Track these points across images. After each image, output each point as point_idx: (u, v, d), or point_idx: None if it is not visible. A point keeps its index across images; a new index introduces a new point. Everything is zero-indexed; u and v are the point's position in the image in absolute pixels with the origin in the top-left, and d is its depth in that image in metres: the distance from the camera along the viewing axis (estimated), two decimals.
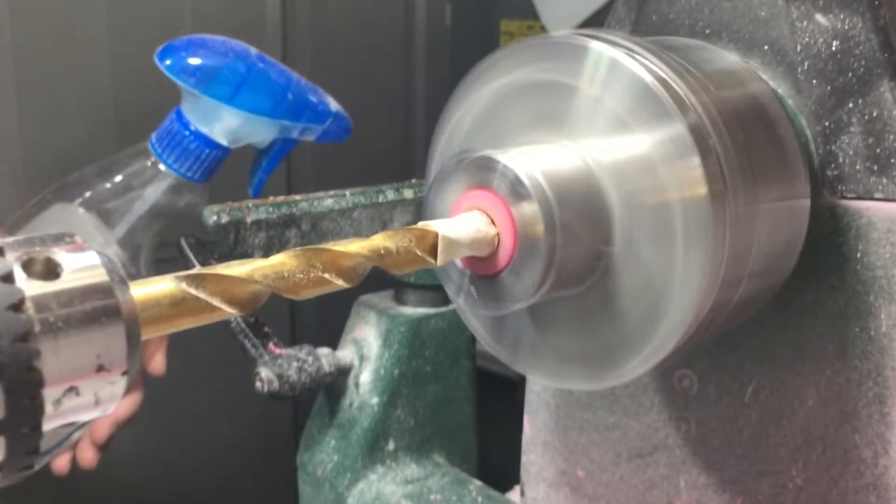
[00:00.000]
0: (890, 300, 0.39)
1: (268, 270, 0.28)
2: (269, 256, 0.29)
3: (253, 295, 0.28)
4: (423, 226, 0.33)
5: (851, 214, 0.40)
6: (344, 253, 0.30)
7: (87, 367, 0.23)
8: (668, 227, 0.33)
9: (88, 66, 1.40)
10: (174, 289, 0.26)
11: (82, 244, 0.24)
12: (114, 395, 0.24)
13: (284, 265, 0.29)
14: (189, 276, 0.26)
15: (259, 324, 0.69)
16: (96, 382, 0.23)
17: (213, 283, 0.27)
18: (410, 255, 0.32)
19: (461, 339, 0.76)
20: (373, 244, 0.31)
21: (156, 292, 0.26)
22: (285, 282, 0.29)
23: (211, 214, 0.63)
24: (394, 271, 0.32)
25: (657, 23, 0.46)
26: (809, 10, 0.41)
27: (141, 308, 0.25)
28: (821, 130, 0.41)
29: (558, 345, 0.38)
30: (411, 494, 0.70)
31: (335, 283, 0.30)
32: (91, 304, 0.23)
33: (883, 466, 0.40)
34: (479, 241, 0.33)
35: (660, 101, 0.33)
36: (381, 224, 0.69)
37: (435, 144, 0.40)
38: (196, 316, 0.27)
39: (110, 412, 0.24)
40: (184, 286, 0.26)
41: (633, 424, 0.49)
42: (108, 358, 0.23)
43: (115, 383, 0.24)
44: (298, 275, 0.29)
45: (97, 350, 0.23)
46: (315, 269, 0.29)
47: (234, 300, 0.27)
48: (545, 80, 0.36)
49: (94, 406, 0.24)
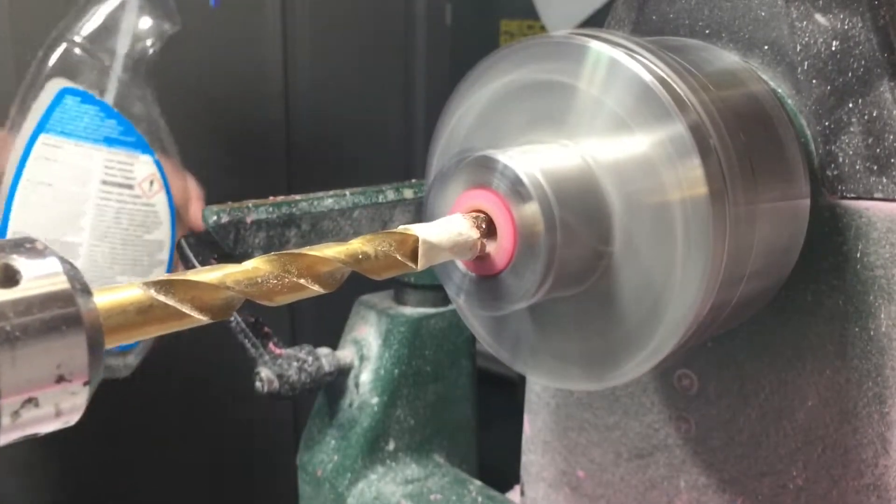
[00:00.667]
0: (889, 300, 0.39)
1: (240, 276, 0.28)
2: None
3: (225, 301, 0.27)
4: (404, 229, 0.32)
5: (851, 214, 0.40)
6: (320, 258, 0.30)
7: (46, 377, 0.22)
8: (669, 227, 0.33)
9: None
10: (142, 296, 0.25)
11: (43, 250, 0.23)
12: (76, 406, 0.23)
13: (258, 271, 0.28)
14: (158, 283, 0.26)
15: (259, 323, 0.69)
16: (57, 393, 0.22)
17: (183, 290, 0.26)
18: (390, 260, 0.31)
19: (461, 339, 0.76)
20: (350, 249, 0.31)
21: (122, 299, 0.25)
22: (258, 287, 0.28)
23: (211, 214, 0.63)
24: (372, 276, 0.31)
25: (657, 23, 0.46)
26: (809, 10, 0.41)
27: (105, 316, 0.24)
28: (820, 130, 0.41)
29: (558, 345, 0.38)
30: (411, 494, 0.70)
31: (311, 288, 0.29)
32: (51, 313, 0.22)
33: (883, 466, 0.40)
34: (460, 246, 0.33)
35: (660, 101, 0.33)
36: (382, 224, 0.69)
37: (435, 144, 0.40)
38: (165, 323, 0.26)
39: (73, 423, 0.23)
40: (152, 293, 0.25)
41: (633, 424, 0.49)
42: (68, 368, 0.22)
43: (76, 394, 0.23)
44: (272, 280, 0.28)
45: (57, 360, 0.22)
46: (290, 274, 0.29)
47: (206, 307, 0.27)
48: (545, 79, 0.36)
49: (54, 417, 0.23)
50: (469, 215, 0.34)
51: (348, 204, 0.67)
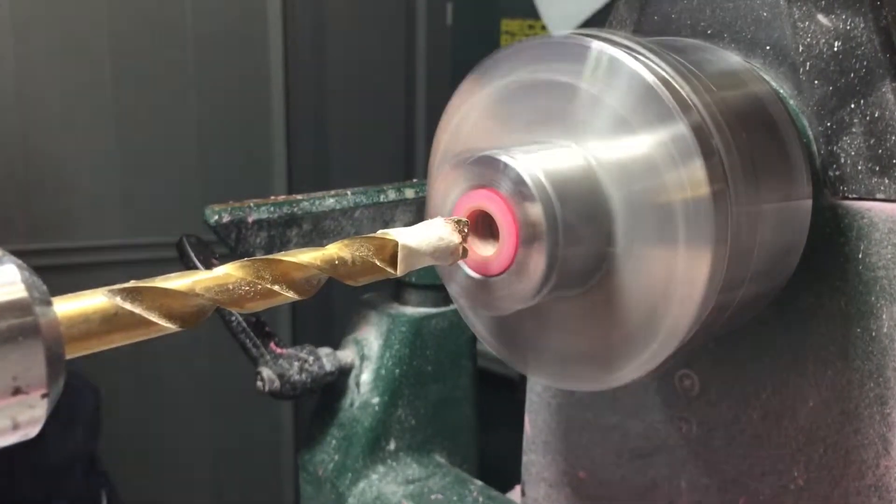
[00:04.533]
0: (892, 301, 0.39)
1: (210, 283, 0.27)
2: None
3: (196, 309, 0.26)
4: (382, 234, 0.32)
5: (853, 215, 0.40)
6: (295, 263, 0.29)
7: (1, 390, 0.21)
8: (671, 227, 0.33)
9: (90, 66, 1.40)
10: (107, 303, 0.25)
11: (1, 256, 0.22)
12: (34, 419, 0.22)
13: (229, 277, 0.28)
14: (124, 290, 0.25)
15: (260, 323, 0.69)
16: (13, 406, 0.22)
17: (151, 298, 0.25)
18: (367, 265, 0.31)
19: (462, 339, 0.76)
20: (327, 254, 0.30)
21: (85, 308, 0.24)
22: (229, 294, 0.27)
23: (212, 214, 0.63)
24: (349, 282, 0.31)
25: (659, 23, 0.46)
26: (811, 10, 0.41)
27: (67, 325, 0.23)
28: (822, 131, 0.41)
29: (559, 345, 0.38)
30: (412, 494, 0.70)
31: (285, 295, 0.29)
32: (6, 323, 0.21)
33: (884, 467, 0.40)
34: (441, 251, 0.33)
35: (662, 101, 0.33)
36: (383, 224, 0.69)
37: (436, 144, 0.40)
38: (131, 332, 0.25)
39: (32, 436, 0.23)
40: (118, 300, 0.25)
41: (634, 424, 0.49)
42: (25, 380, 0.22)
43: (34, 406, 0.22)
44: (244, 287, 0.28)
45: (13, 372, 0.21)
46: (263, 280, 0.28)
47: (175, 315, 0.26)
48: (547, 79, 0.36)
49: (12, 430, 0.22)
50: (451, 219, 0.33)
51: (350, 203, 0.67)
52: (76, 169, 1.44)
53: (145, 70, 1.44)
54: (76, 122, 1.41)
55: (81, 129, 1.41)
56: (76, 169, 1.44)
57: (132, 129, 1.45)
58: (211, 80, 1.48)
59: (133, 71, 1.42)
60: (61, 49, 1.34)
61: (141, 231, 1.50)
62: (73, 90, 1.38)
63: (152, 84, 1.44)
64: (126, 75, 1.42)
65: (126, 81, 1.42)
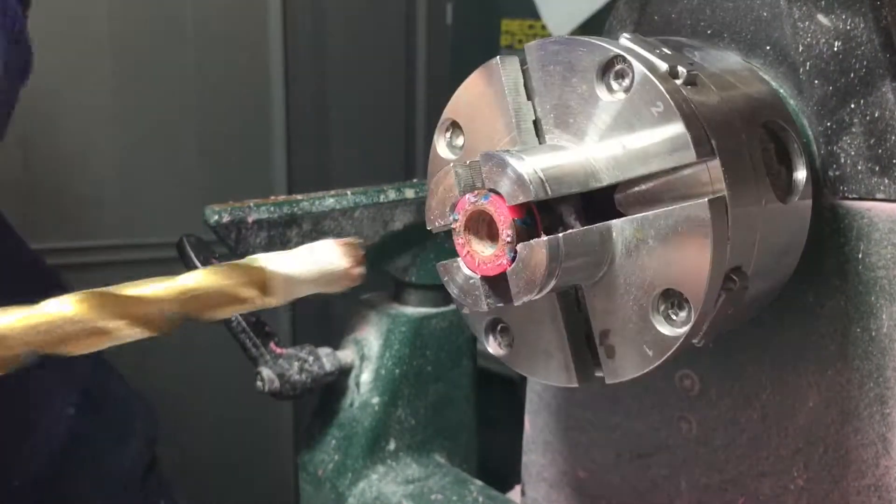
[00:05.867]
0: (891, 301, 0.39)
1: (36, 321, 0.24)
2: None
3: (11, 357, 0.23)
4: (249, 261, 0.29)
5: (853, 215, 0.40)
6: (137, 298, 0.25)
7: None
8: (670, 227, 0.33)
9: (90, 66, 1.40)
10: None
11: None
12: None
13: (60, 316, 0.24)
14: None
15: (260, 323, 0.69)
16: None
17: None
18: (229, 297, 0.27)
19: (462, 338, 0.76)
20: (182, 286, 0.26)
21: None
22: (49, 336, 0.24)
23: (212, 214, 0.63)
24: (208, 317, 0.27)
25: (659, 23, 0.46)
26: (811, 10, 0.41)
27: None
28: (822, 131, 0.41)
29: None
30: (412, 494, 0.70)
31: (127, 332, 0.25)
32: None
33: (884, 467, 0.40)
34: (327, 277, 0.30)
35: (662, 101, 0.33)
36: (383, 224, 0.69)
37: (436, 144, 0.40)
38: None
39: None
40: None
41: (634, 424, 0.49)
42: None
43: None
44: (69, 327, 0.24)
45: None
46: (102, 318, 0.24)
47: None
48: (547, 79, 0.36)
49: None
50: (341, 242, 0.31)
51: (350, 203, 0.67)
52: (76, 169, 1.44)
53: (145, 70, 1.44)
54: (76, 122, 1.41)
55: (81, 129, 1.41)
56: (76, 169, 1.44)
57: (132, 129, 1.45)
58: (211, 80, 1.48)
59: (133, 71, 1.42)
60: (61, 49, 1.34)
61: (141, 231, 1.50)
62: (72, 90, 1.38)
63: (152, 84, 1.44)
64: (126, 75, 1.42)
65: (126, 81, 1.42)
